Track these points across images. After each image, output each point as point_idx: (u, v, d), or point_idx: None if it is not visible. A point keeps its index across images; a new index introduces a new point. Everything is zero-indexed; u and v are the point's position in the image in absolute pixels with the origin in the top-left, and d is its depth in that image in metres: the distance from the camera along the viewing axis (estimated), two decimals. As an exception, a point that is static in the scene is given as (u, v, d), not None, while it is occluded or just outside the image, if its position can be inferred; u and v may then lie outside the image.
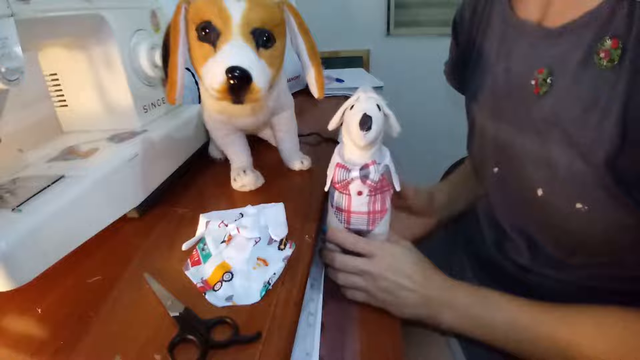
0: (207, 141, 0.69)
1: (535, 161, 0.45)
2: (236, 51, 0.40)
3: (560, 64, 0.41)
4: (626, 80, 0.35)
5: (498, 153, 0.51)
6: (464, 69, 0.62)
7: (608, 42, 0.36)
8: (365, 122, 0.37)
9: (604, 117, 0.37)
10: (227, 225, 0.43)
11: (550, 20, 0.44)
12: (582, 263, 0.46)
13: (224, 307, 0.37)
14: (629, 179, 0.37)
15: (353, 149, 0.41)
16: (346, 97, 0.42)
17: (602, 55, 0.37)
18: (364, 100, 0.39)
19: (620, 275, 0.45)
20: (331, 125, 0.42)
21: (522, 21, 0.47)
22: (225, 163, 0.64)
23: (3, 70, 0.35)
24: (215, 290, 0.38)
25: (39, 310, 0.38)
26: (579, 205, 0.41)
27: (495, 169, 0.52)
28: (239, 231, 0.41)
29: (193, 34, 0.43)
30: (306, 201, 0.53)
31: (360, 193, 0.42)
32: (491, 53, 0.52)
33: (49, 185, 0.42)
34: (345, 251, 0.47)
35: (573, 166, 0.40)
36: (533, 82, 0.44)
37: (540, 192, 0.44)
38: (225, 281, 0.39)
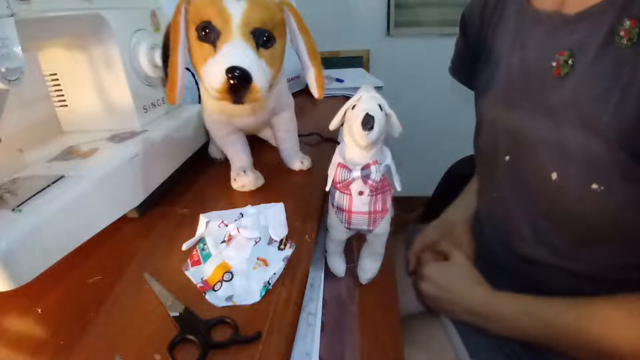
0: (207, 141, 0.69)
1: (549, 145, 0.46)
2: (236, 51, 0.40)
3: (582, 46, 0.42)
4: None
5: (510, 141, 0.52)
6: (471, 64, 0.62)
7: (627, 23, 0.38)
8: (368, 122, 0.37)
9: (625, 94, 0.38)
10: (227, 225, 0.43)
11: (568, 8, 0.45)
12: (589, 255, 0.46)
13: (224, 307, 0.37)
14: None
15: (354, 149, 0.41)
16: (346, 97, 0.42)
17: (622, 34, 0.38)
18: (365, 100, 0.38)
19: (630, 264, 0.45)
20: (332, 125, 0.42)
21: (538, 11, 0.49)
22: (225, 163, 0.64)
23: (3, 70, 0.35)
24: (215, 290, 0.38)
25: (39, 310, 0.38)
26: (594, 186, 0.42)
27: (507, 158, 0.53)
28: (239, 231, 0.41)
29: (193, 34, 0.43)
30: (306, 201, 0.53)
31: (361, 193, 0.42)
32: (505, 45, 0.53)
33: (49, 185, 0.42)
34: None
35: (590, 147, 0.41)
36: (554, 64, 0.45)
37: (554, 175, 0.46)
38: (225, 281, 0.39)
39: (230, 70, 0.39)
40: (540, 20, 0.48)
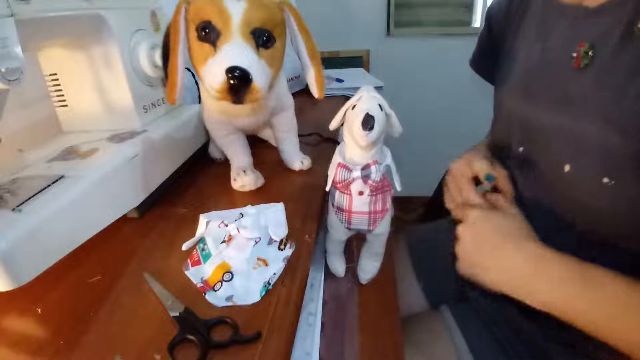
0: (207, 141, 0.69)
1: (565, 136, 0.46)
2: (236, 51, 0.40)
3: (602, 39, 0.43)
4: None
5: (525, 132, 0.53)
6: (494, 59, 0.63)
7: None
8: (368, 122, 0.37)
9: None
10: (227, 225, 0.43)
11: (590, 1, 0.46)
12: (601, 250, 0.46)
13: (224, 307, 0.37)
14: None
15: (354, 149, 0.41)
16: (346, 97, 0.42)
17: None
18: (366, 100, 0.38)
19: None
20: (332, 125, 0.42)
21: (562, 3, 0.50)
22: (225, 163, 0.64)
23: (3, 70, 0.35)
24: (215, 290, 0.38)
25: (39, 310, 0.38)
26: (605, 180, 0.42)
27: (521, 149, 0.53)
28: (239, 231, 0.41)
29: (193, 34, 0.43)
30: (306, 201, 0.53)
31: (361, 193, 0.42)
32: (527, 39, 0.54)
33: (49, 185, 0.42)
34: None
35: (605, 139, 0.41)
36: (574, 55, 0.45)
37: (567, 167, 0.46)
38: (225, 281, 0.39)
39: (230, 70, 0.39)
40: (563, 12, 0.49)
